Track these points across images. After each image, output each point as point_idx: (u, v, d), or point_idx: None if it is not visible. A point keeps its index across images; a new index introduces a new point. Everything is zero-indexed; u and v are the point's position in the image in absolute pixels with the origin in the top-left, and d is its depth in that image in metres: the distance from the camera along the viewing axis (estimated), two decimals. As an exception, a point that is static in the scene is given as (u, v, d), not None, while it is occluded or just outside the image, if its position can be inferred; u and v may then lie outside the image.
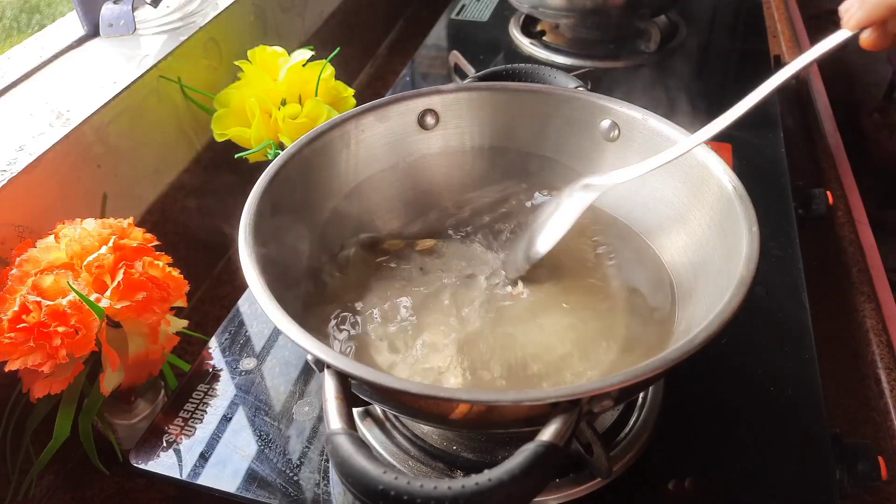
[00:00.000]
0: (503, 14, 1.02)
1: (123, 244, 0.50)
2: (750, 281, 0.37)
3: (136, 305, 0.48)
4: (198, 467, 0.46)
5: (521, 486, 0.29)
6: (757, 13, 1.00)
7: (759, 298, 0.56)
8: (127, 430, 0.55)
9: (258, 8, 0.82)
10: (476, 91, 0.54)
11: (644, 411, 0.47)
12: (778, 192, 0.67)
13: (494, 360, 0.43)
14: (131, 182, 0.65)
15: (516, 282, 0.48)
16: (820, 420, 0.47)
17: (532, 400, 0.32)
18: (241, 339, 0.54)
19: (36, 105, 0.61)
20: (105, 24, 0.71)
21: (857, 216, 0.79)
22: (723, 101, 0.42)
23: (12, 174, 0.53)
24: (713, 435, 0.47)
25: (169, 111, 0.69)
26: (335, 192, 0.51)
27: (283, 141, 0.67)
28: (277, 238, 0.44)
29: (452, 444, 0.46)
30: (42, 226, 0.53)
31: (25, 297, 0.46)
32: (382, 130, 0.53)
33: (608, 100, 0.52)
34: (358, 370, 0.33)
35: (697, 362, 0.34)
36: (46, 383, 0.47)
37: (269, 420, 0.49)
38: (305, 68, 0.70)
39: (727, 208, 0.43)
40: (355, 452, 0.30)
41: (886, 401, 0.60)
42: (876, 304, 0.68)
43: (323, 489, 0.44)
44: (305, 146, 0.48)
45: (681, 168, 0.48)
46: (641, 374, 0.33)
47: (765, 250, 0.39)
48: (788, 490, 0.44)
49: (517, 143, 0.56)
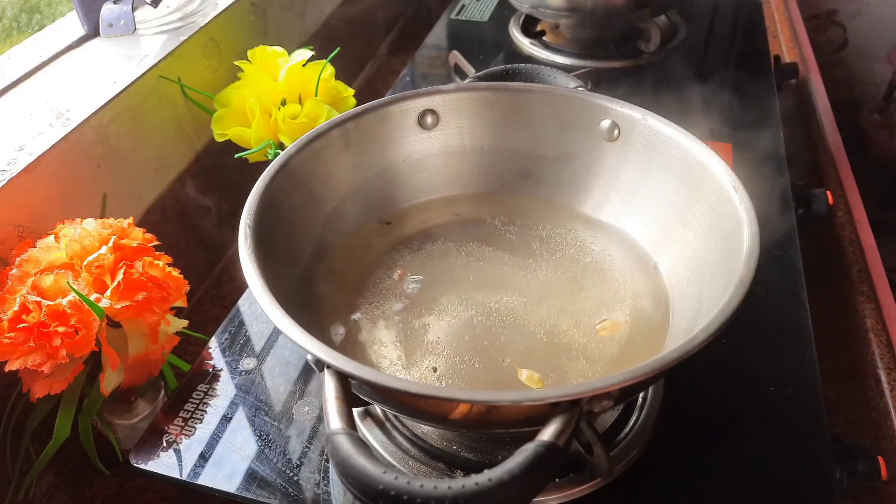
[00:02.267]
0: (503, 14, 1.02)
1: (123, 244, 0.50)
2: (750, 281, 0.37)
3: (136, 305, 0.48)
4: (198, 467, 0.46)
5: (521, 486, 0.29)
6: (757, 13, 1.00)
7: (759, 298, 0.56)
8: (127, 430, 0.55)
9: (258, 8, 0.82)
10: (476, 91, 0.54)
11: (644, 411, 0.47)
12: (778, 192, 0.67)
13: (489, 350, 0.43)
14: (131, 182, 0.65)
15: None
16: (820, 420, 0.47)
17: (532, 400, 0.32)
18: (241, 339, 0.54)
19: (36, 105, 0.61)
20: (105, 24, 0.71)
21: (857, 216, 0.79)
22: (722, 101, 0.42)
23: (12, 174, 0.53)
24: (713, 435, 0.47)
25: (169, 111, 0.69)
26: (335, 191, 0.51)
27: (283, 141, 0.67)
28: (277, 238, 0.44)
29: (452, 444, 0.46)
30: (42, 226, 0.53)
31: (25, 297, 0.46)
32: (382, 130, 0.53)
33: (608, 100, 0.52)
34: (358, 370, 0.33)
35: (697, 362, 0.34)
36: (46, 383, 0.47)
37: (269, 420, 0.49)
38: (305, 68, 0.70)
39: (727, 208, 0.43)
40: (355, 452, 0.30)
41: (886, 401, 0.60)
42: (876, 304, 0.68)
43: (323, 489, 0.44)
44: (305, 146, 0.48)
45: (681, 168, 0.48)
46: (641, 374, 0.33)
47: (765, 250, 0.39)
48: (788, 490, 0.44)
49: (517, 143, 0.56)
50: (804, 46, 1.11)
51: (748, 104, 0.80)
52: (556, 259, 0.51)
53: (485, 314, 0.47)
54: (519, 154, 0.56)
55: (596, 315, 0.47)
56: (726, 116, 0.77)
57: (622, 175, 0.53)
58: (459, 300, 0.48)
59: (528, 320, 0.46)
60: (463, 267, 0.51)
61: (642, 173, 0.51)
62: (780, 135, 0.75)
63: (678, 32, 0.94)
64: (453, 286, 0.49)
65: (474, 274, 0.50)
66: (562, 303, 0.48)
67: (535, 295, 0.48)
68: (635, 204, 0.52)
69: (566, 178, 0.55)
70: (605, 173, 0.54)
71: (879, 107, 1.34)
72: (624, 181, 0.53)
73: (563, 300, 0.48)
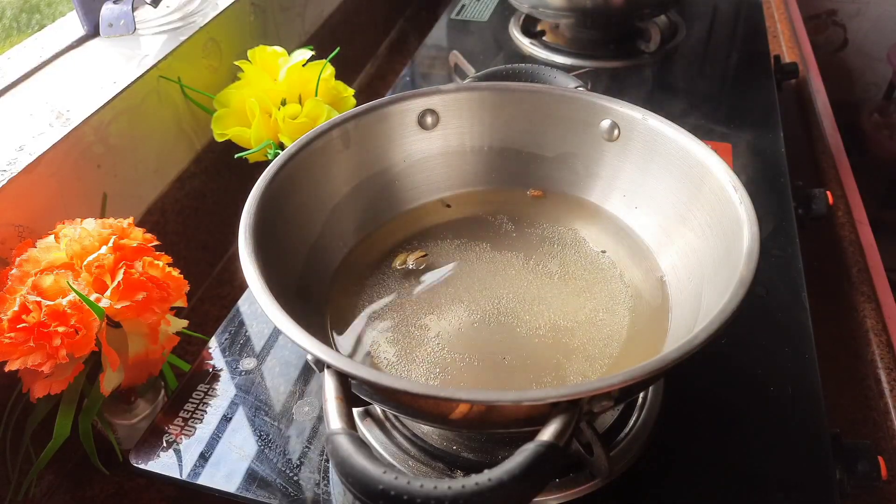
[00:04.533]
0: (503, 14, 1.02)
1: (123, 244, 0.50)
2: (750, 281, 0.37)
3: (136, 305, 0.48)
4: (198, 467, 0.46)
5: (521, 485, 0.29)
6: (757, 13, 1.00)
7: (759, 298, 0.56)
8: (127, 430, 0.55)
9: (258, 8, 0.82)
10: (476, 91, 0.54)
11: (644, 411, 0.47)
12: (778, 192, 0.67)
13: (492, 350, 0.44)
14: (131, 182, 0.65)
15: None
16: (820, 420, 0.47)
17: (532, 400, 0.32)
18: (241, 339, 0.54)
19: (36, 105, 0.61)
20: (105, 24, 0.71)
21: (857, 216, 0.79)
22: (722, 101, 0.42)
23: (12, 174, 0.53)
24: (713, 435, 0.47)
25: (169, 111, 0.69)
26: (335, 191, 0.51)
27: (283, 141, 0.67)
28: (277, 238, 0.44)
29: (452, 444, 0.46)
30: (42, 226, 0.53)
31: (25, 297, 0.46)
32: (382, 130, 0.53)
33: (608, 100, 0.52)
34: (358, 370, 0.33)
35: (697, 362, 0.34)
36: (46, 383, 0.47)
37: (269, 420, 0.49)
38: (305, 68, 0.70)
39: (727, 208, 0.43)
40: (355, 452, 0.30)
41: (886, 401, 0.60)
42: (876, 304, 0.68)
43: (323, 489, 0.44)
44: (305, 146, 0.48)
45: (681, 168, 0.48)
46: (641, 374, 0.33)
47: (765, 250, 0.39)
48: (788, 490, 0.44)
49: (517, 143, 0.56)
50: (804, 46, 1.11)
51: (748, 104, 0.80)
52: (557, 259, 0.51)
53: (485, 313, 0.47)
54: (519, 154, 0.56)
55: (596, 314, 0.47)
56: (726, 116, 0.78)
57: (622, 175, 0.53)
58: (460, 300, 0.48)
59: (528, 319, 0.46)
60: (463, 267, 0.51)
61: (642, 173, 0.51)
62: (780, 135, 0.75)
63: (678, 32, 0.95)
64: (453, 286, 0.49)
65: (474, 274, 0.50)
66: (562, 302, 0.48)
67: (535, 294, 0.48)
68: (635, 204, 0.52)
69: (566, 178, 0.55)
70: (605, 173, 0.54)
71: (879, 107, 1.34)
72: (624, 181, 0.53)
73: (563, 299, 0.48)
